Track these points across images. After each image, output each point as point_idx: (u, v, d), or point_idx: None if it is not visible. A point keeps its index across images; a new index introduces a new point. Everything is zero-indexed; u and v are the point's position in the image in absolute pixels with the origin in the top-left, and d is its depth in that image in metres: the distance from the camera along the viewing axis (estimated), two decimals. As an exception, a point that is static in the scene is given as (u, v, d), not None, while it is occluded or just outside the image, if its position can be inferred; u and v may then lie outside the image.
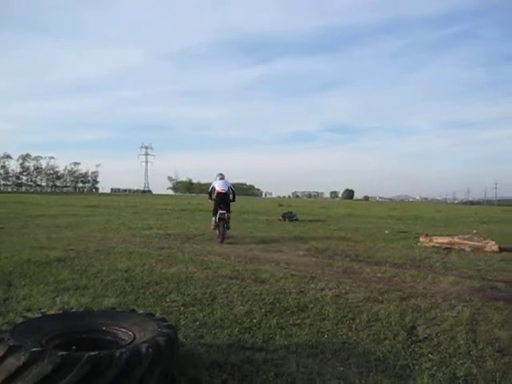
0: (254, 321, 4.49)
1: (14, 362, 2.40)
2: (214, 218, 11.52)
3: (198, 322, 4.37)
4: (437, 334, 4.27)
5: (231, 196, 11.98)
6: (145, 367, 2.54)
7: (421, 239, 11.71)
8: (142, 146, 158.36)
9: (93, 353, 2.47)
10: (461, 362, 3.61)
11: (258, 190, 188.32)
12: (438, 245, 10.99)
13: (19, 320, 3.04)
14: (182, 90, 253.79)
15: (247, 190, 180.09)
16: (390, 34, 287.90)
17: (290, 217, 19.82)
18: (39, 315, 3.25)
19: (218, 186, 11.82)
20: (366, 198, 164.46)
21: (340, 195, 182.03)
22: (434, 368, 3.46)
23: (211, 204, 12.14)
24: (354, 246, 10.73)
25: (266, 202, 56.74)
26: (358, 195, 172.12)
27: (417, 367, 3.48)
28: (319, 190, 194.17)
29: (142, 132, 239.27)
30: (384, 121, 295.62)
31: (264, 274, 6.78)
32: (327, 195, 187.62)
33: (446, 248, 10.67)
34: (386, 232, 15.27)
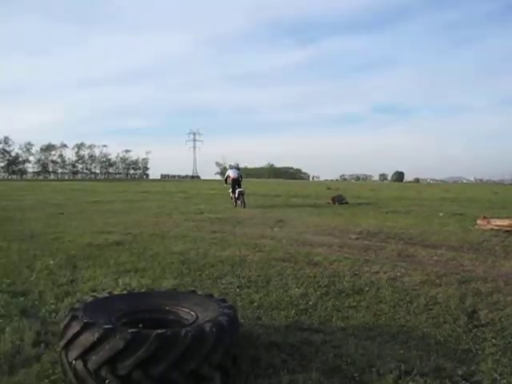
0: (310, 303, 4.52)
1: (88, 338, 2.55)
2: (233, 195, 17.37)
3: (254, 304, 4.45)
4: (500, 319, 4.13)
5: (240, 179, 17.71)
6: (209, 346, 2.62)
7: (478, 222, 11.27)
8: (190, 132, 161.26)
9: (160, 330, 2.58)
10: (527, 346, 3.49)
11: (305, 173, 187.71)
12: (496, 227, 10.53)
13: (89, 299, 3.22)
14: (227, 75, 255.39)
15: (294, 174, 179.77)
16: (442, 6, 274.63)
17: (339, 200, 19.61)
18: (106, 295, 3.43)
19: (232, 174, 17.67)
20: (417, 181, 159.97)
21: (389, 178, 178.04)
22: (499, 353, 3.35)
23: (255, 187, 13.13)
24: (408, 229, 10.49)
25: (313, 186, 56.38)
26: (408, 177, 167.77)
27: (480, 352, 3.38)
28: (367, 173, 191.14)
29: (189, 118, 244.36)
30: (435, 99, 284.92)
31: (317, 256, 6.78)
32: (376, 178, 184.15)
33: (506, 231, 10.21)
34: (440, 214, 14.82)
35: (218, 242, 8.21)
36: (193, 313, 3.17)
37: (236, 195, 17.04)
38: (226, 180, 18.00)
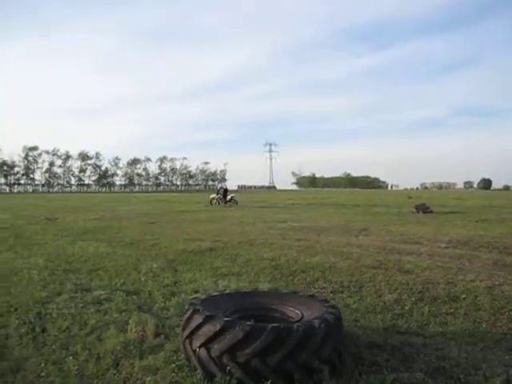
0: (406, 308, 4.58)
1: (211, 328, 2.86)
2: (223, 198, 27.06)
3: (349, 308, 4.60)
4: None
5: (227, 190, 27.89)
6: (319, 340, 2.83)
7: None
8: (265, 143, 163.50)
9: (275, 324, 2.84)
10: None
11: (384, 182, 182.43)
12: None
13: (203, 296, 3.57)
14: (302, 84, 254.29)
15: (372, 183, 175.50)
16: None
17: (423, 209, 19.00)
18: (218, 293, 3.76)
19: (222, 186, 27.69)
20: (507, 188, 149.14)
21: (475, 185, 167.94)
22: None
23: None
24: (501, 238, 9.99)
25: (393, 195, 54.78)
26: (496, 185, 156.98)
27: None
28: (451, 181, 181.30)
29: (265, 129, 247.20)
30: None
31: (407, 264, 6.75)
32: (460, 186, 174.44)
33: None
34: (538, 224, 13.89)
35: (305, 249, 8.41)
36: (298, 311, 3.41)
37: (228, 198, 26.91)
38: (218, 191, 27.62)
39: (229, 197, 26.94)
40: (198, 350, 2.91)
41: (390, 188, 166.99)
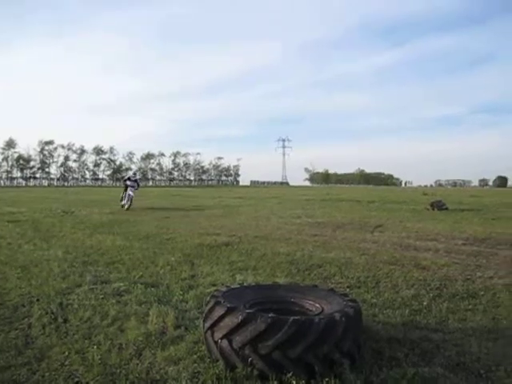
0: (424, 304, 4.57)
1: (233, 320, 2.89)
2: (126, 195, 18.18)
3: (367, 302, 4.60)
4: None
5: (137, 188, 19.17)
6: (339, 333, 2.84)
7: None
8: (279, 139, 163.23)
9: (296, 317, 2.86)
10: None
11: (397, 179, 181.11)
12: None
13: (224, 288, 3.60)
14: (316, 81, 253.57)
15: (385, 180, 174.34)
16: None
17: (438, 206, 18.81)
18: (238, 286, 3.80)
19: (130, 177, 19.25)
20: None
21: (490, 183, 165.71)
22: None
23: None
24: (520, 236, 9.89)
25: (407, 192, 54.32)
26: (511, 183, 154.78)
27: None
28: (465, 178, 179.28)
29: (279, 125, 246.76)
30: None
31: (424, 261, 6.72)
32: (475, 183, 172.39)
33: None
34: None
35: (321, 244, 8.41)
36: (317, 305, 3.43)
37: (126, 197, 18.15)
38: (125, 182, 19.18)
39: (129, 193, 17.96)
40: (219, 341, 2.94)
41: (403, 185, 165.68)
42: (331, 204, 23.54)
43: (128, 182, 18.59)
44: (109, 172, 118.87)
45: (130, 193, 18.00)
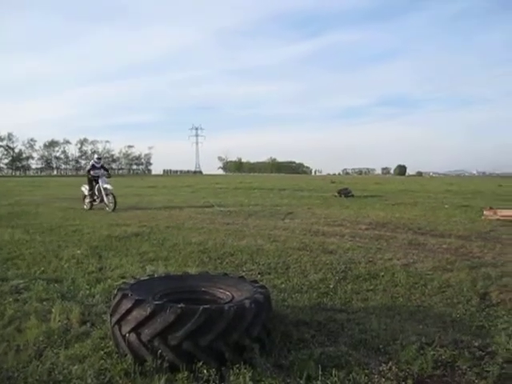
0: (330, 286, 4.80)
1: (141, 313, 2.81)
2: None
3: (277, 288, 4.72)
4: (510, 300, 4.39)
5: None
6: (249, 320, 2.88)
7: (485, 212, 11.51)
8: (192, 127, 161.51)
9: (206, 306, 2.85)
10: (538, 323, 3.74)
11: (308, 167, 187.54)
12: (503, 218, 10.76)
13: (132, 281, 3.48)
14: (230, 69, 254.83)
15: (296, 168, 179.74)
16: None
17: (345, 193, 19.86)
18: (147, 277, 3.70)
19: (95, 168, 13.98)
20: (419, 174, 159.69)
21: (392, 171, 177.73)
22: (511, 328, 3.60)
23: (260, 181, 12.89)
24: (416, 220, 10.74)
25: (317, 180, 56.54)
26: (410, 171, 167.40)
27: (493, 328, 3.64)
28: (370, 167, 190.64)
29: (192, 113, 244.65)
30: (440, 92, 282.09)
31: (331, 245, 7.04)
32: (378, 172, 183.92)
33: (513, 221, 10.45)
34: (446, 206, 15.06)
35: (233, 232, 8.48)
36: (228, 293, 3.44)
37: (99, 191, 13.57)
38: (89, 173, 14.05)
39: (104, 185, 13.26)
40: (127, 335, 2.85)
41: (313, 173, 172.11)
42: (244, 192, 23.82)
43: (94, 172, 13.77)
44: (7, 160, 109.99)
45: (106, 185, 13.24)
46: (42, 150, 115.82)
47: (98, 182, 13.45)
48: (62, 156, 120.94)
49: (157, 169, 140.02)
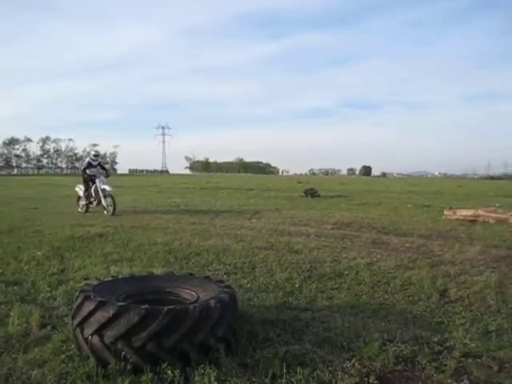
0: (296, 285, 4.85)
1: (103, 314, 2.76)
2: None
3: (243, 287, 4.73)
4: (468, 296, 4.56)
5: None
6: (214, 319, 2.88)
7: (445, 212, 11.88)
8: (158, 126, 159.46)
9: (171, 306, 2.83)
10: (492, 318, 3.90)
11: (275, 167, 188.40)
12: (462, 217, 11.15)
13: (95, 282, 3.42)
14: (196, 68, 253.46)
15: (263, 169, 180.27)
16: (406, 5, 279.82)
17: (311, 193, 20.08)
18: (111, 278, 3.63)
19: (91, 160, 12.79)
20: (384, 175, 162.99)
21: (357, 172, 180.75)
22: (468, 324, 3.75)
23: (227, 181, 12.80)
24: (379, 220, 10.97)
25: (284, 180, 56.90)
26: (375, 172, 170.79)
27: (451, 323, 3.77)
28: (336, 167, 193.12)
29: (158, 111, 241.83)
30: (400, 95, 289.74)
31: (297, 245, 7.11)
32: (344, 172, 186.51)
33: (471, 220, 10.83)
34: (409, 206, 15.46)
35: (199, 232, 8.43)
36: (193, 293, 3.42)
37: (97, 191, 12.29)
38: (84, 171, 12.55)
39: (102, 186, 11.98)
40: (90, 337, 2.79)
41: (280, 173, 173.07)
42: (211, 192, 23.74)
43: (90, 171, 12.36)
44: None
45: (104, 186, 11.95)
46: (1, 147, 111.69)
47: (94, 182, 12.21)
48: (23, 154, 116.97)
49: (122, 168, 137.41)
